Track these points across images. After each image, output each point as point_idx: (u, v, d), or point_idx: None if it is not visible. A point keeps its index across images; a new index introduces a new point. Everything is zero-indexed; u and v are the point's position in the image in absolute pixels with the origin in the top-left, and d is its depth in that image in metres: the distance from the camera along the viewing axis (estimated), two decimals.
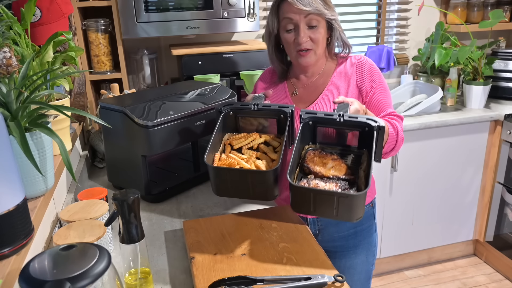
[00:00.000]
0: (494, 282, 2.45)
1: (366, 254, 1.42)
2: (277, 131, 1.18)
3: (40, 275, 0.61)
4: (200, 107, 1.41)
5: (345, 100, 1.10)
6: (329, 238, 1.37)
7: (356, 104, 1.10)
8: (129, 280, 0.88)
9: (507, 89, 2.56)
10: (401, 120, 1.28)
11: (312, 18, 1.22)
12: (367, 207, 1.40)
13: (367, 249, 1.42)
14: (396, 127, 1.24)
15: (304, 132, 1.09)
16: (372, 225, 1.43)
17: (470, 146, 2.40)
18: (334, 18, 1.25)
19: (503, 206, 2.41)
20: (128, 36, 1.95)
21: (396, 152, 1.29)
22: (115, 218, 0.86)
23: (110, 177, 1.49)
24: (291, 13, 1.23)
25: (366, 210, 1.38)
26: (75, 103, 1.60)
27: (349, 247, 1.39)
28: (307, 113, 1.08)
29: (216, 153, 1.11)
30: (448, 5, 2.75)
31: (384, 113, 1.29)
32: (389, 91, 1.33)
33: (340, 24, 1.30)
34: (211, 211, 1.31)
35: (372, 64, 1.31)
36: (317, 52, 1.27)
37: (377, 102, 1.29)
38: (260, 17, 2.52)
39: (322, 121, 1.08)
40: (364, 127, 1.04)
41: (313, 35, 1.24)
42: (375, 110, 1.29)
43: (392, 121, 1.26)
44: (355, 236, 1.39)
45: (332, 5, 1.26)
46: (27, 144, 0.83)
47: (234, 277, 0.87)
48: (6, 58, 0.91)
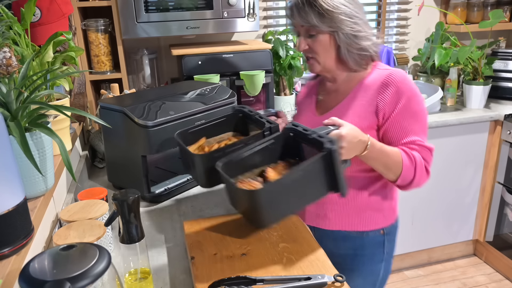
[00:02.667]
0: (494, 282, 2.45)
1: (363, 282, 1.31)
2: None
3: (40, 275, 0.61)
4: (200, 107, 1.41)
5: (336, 122, 1.03)
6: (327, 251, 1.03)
7: (344, 129, 1.01)
8: (129, 280, 0.88)
9: (507, 89, 2.55)
10: (428, 151, 1.16)
11: (309, 28, 1.16)
12: (375, 232, 1.27)
13: (364, 277, 1.30)
14: (413, 157, 1.13)
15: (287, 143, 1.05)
16: (378, 253, 1.29)
17: (470, 146, 2.40)
18: (333, 30, 1.14)
19: (503, 206, 2.41)
20: (128, 36, 1.95)
21: (417, 185, 1.16)
22: (115, 218, 0.86)
23: (110, 177, 1.49)
24: (292, 21, 1.20)
25: (374, 236, 1.27)
26: (75, 103, 1.60)
27: (346, 269, 1.17)
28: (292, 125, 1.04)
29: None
30: (448, 5, 2.75)
31: (405, 140, 1.15)
32: (422, 117, 1.17)
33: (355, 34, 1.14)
34: (211, 211, 1.31)
35: (402, 84, 1.14)
36: (320, 61, 1.20)
37: (399, 128, 1.15)
38: (260, 17, 2.52)
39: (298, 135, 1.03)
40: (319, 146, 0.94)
41: (311, 44, 1.18)
42: (395, 136, 1.16)
43: (410, 150, 1.14)
44: (354, 259, 1.28)
45: (339, 15, 1.12)
46: (27, 144, 0.83)
47: (234, 277, 0.87)
48: (6, 58, 0.91)
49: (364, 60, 1.19)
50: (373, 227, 1.26)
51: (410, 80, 1.17)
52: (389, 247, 1.31)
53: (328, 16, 1.12)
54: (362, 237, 1.27)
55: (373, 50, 1.19)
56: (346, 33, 1.14)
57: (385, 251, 1.30)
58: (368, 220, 1.26)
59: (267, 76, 2.03)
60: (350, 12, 1.13)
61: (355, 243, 1.28)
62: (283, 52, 2.29)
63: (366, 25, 1.17)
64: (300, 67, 2.37)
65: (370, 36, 1.18)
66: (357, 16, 1.15)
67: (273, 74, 2.13)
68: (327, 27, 1.13)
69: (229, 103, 1.51)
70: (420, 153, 1.15)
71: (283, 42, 2.33)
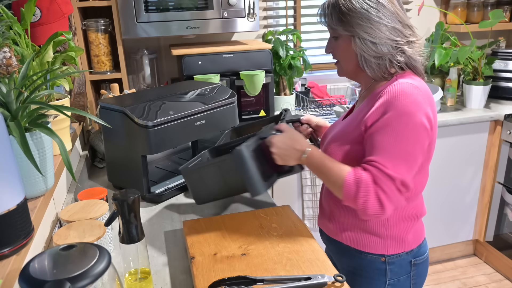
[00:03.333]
0: (494, 282, 2.45)
1: None
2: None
3: (40, 275, 0.61)
4: (200, 107, 1.41)
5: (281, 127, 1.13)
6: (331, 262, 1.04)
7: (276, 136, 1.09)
8: (129, 280, 0.88)
9: (507, 89, 2.55)
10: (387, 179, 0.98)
11: (332, 30, 1.11)
12: (375, 257, 1.15)
13: None
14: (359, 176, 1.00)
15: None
16: (378, 280, 1.17)
17: (470, 146, 2.40)
18: (350, 35, 1.07)
19: (503, 206, 2.41)
20: (128, 36, 1.95)
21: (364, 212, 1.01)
22: (115, 218, 0.86)
23: (110, 177, 1.49)
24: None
25: (373, 260, 1.15)
26: (75, 103, 1.60)
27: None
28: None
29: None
30: (448, 5, 2.75)
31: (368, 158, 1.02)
32: (404, 141, 1.00)
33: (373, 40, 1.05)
34: (211, 211, 1.31)
35: (396, 98, 1.01)
36: (343, 65, 1.14)
37: (370, 143, 1.03)
38: (260, 17, 2.52)
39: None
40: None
41: (334, 47, 1.13)
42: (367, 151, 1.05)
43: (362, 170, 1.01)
44: (352, 278, 1.18)
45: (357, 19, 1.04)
46: (27, 144, 0.83)
47: (234, 277, 0.87)
48: (6, 58, 0.91)
49: (383, 69, 1.08)
50: (369, 250, 1.15)
51: (411, 97, 1.01)
52: (394, 280, 1.17)
53: (345, 19, 1.06)
54: (361, 256, 1.16)
55: (398, 59, 1.07)
56: (363, 38, 1.05)
57: (388, 282, 1.17)
58: (366, 241, 1.15)
59: (267, 76, 2.03)
60: (369, 16, 1.04)
61: (354, 261, 1.17)
62: (283, 52, 2.29)
63: (394, 31, 1.05)
64: (300, 67, 2.37)
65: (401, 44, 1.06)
66: (380, 21, 1.04)
67: (273, 74, 2.13)
68: (344, 30, 1.07)
69: (229, 103, 1.51)
70: (374, 177, 0.99)
71: (283, 42, 2.33)
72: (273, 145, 1.08)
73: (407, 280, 1.19)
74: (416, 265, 1.19)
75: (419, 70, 1.11)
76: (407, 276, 1.18)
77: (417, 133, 1.01)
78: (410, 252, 1.17)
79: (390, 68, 1.08)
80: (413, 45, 1.09)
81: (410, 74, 1.09)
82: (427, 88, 1.07)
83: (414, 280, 1.20)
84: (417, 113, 1.00)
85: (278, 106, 2.36)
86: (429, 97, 1.05)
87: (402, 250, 1.16)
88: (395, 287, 1.18)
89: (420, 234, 1.21)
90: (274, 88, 2.29)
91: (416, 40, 1.09)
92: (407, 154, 1.01)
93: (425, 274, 1.23)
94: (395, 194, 1.00)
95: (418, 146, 1.02)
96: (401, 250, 1.16)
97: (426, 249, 1.23)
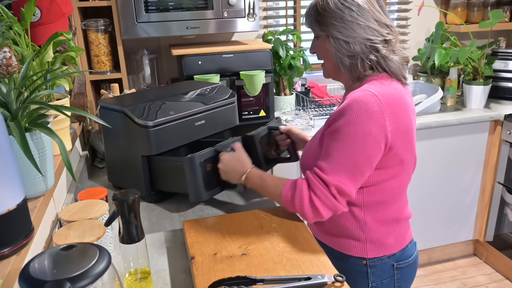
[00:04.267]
0: (494, 282, 2.45)
1: None
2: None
3: (40, 275, 0.61)
4: (200, 107, 1.41)
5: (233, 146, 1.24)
6: None
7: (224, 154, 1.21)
8: (129, 280, 0.88)
9: (507, 89, 2.55)
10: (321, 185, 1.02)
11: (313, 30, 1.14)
12: (356, 260, 1.16)
13: None
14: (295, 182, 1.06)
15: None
16: (361, 283, 1.18)
17: (470, 146, 2.40)
18: (325, 34, 1.09)
19: (503, 206, 2.41)
20: (128, 36, 1.95)
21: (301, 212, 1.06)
22: (115, 218, 0.86)
23: (110, 177, 1.49)
24: None
25: (355, 262, 1.16)
26: (75, 103, 1.60)
27: None
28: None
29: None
30: (448, 5, 2.75)
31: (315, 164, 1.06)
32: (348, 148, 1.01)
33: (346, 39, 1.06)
34: (211, 211, 1.31)
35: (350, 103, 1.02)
36: (324, 65, 1.16)
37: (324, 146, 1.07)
38: (260, 17, 2.52)
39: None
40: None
41: (316, 47, 1.16)
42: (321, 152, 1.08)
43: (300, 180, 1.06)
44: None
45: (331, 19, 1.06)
46: (27, 144, 0.83)
47: (234, 277, 0.87)
48: (6, 58, 0.91)
49: (355, 69, 1.09)
50: (351, 253, 1.17)
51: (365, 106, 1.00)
52: (377, 283, 1.17)
53: (321, 19, 1.09)
54: (344, 258, 1.18)
55: (370, 58, 1.07)
56: (336, 38, 1.07)
57: (371, 284, 1.17)
58: (347, 244, 1.17)
59: (267, 76, 2.03)
60: (343, 16, 1.05)
61: (338, 262, 1.13)
62: (283, 52, 2.29)
63: (369, 30, 1.05)
64: (300, 67, 2.37)
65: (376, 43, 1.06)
66: (353, 21, 1.04)
67: (273, 74, 2.12)
68: (320, 30, 1.10)
69: (229, 103, 1.51)
70: (309, 182, 1.04)
71: (283, 42, 2.33)
72: (220, 161, 1.21)
73: (391, 283, 1.19)
74: (400, 269, 1.18)
75: (394, 70, 1.09)
76: (390, 279, 1.18)
77: (364, 143, 1.01)
78: (392, 256, 1.17)
79: (362, 68, 1.09)
80: (391, 44, 1.08)
81: (383, 78, 1.08)
82: (391, 95, 1.04)
83: (398, 283, 1.19)
84: (367, 122, 1.00)
85: (278, 106, 2.36)
86: (391, 104, 1.03)
87: (382, 254, 1.16)
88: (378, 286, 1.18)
89: (403, 238, 1.19)
90: (274, 88, 2.29)
91: (393, 39, 1.09)
92: (350, 162, 1.02)
93: (411, 277, 1.23)
94: (329, 199, 1.02)
95: (363, 155, 1.02)
96: (381, 254, 1.16)
97: (412, 252, 1.21)
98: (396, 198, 1.15)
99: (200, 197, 1.22)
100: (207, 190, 1.22)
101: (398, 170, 1.11)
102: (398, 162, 1.10)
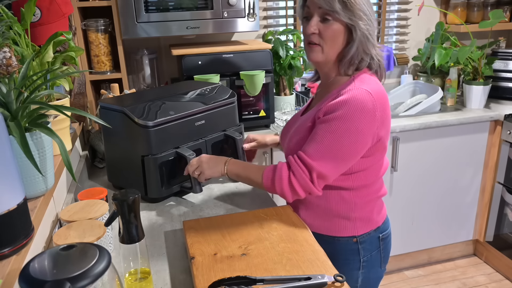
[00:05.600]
0: (494, 282, 2.45)
1: None
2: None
3: (40, 275, 0.61)
4: (200, 107, 1.41)
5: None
6: None
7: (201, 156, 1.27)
8: (129, 280, 0.88)
9: (507, 89, 2.55)
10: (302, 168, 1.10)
11: (327, 12, 1.10)
12: (347, 239, 1.24)
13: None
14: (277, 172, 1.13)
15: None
16: (352, 260, 1.25)
17: (470, 146, 2.40)
18: (353, 24, 1.10)
19: (503, 206, 2.41)
20: (128, 36, 1.95)
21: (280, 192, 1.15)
22: (115, 218, 0.86)
23: (110, 177, 1.49)
24: (309, 1, 1.14)
25: (345, 242, 1.24)
26: (75, 103, 1.60)
27: None
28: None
29: None
30: (448, 5, 2.75)
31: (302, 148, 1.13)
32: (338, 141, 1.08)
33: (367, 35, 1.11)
34: (211, 211, 1.31)
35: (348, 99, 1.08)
36: (325, 49, 1.14)
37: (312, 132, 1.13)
38: (260, 17, 2.52)
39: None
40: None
41: (323, 29, 1.12)
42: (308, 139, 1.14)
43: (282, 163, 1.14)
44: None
45: (359, 11, 1.09)
46: (27, 144, 0.83)
47: (234, 277, 0.87)
48: (6, 58, 0.91)
49: (354, 64, 1.15)
50: (341, 234, 1.24)
51: (361, 104, 1.07)
52: (367, 256, 1.26)
53: (351, 7, 1.09)
54: (334, 241, 1.24)
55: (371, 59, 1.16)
56: (362, 31, 1.10)
57: (362, 259, 1.26)
58: (337, 226, 1.23)
59: (267, 76, 2.03)
60: (368, 13, 1.11)
61: (328, 247, 1.14)
62: (283, 52, 2.29)
63: (374, 33, 1.15)
64: (300, 67, 2.37)
65: (375, 45, 1.15)
66: (372, 21, 1.13)
67: (273, 74, 2.13)
68: (348, 18, 1.09)
69: (229, 103, 1.51)
70: (290, 164, 1.12)
71: (283, 42, 2.33)
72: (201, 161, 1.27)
73: (378, 254, 1.29)
74: (383, 240, 1.30)
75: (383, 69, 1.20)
76: (377, 251, 1.29)
77: (355, 139, 1.09)
78: (377, 229, 1.28)
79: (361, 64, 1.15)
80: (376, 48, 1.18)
81: (367, 73, 1.17)
82: (381, 91, 1.13)
83: (383, 254, 1.31)
84: (361, 120, 1.08)
85: (278, 106, 2.36)
86: (381, 100, 1.11)
87: (370, 229, 1.27)
88: (369, 262, 1.28)
89: (383, 211, 1.32)
90: (274, 88, 2.29)
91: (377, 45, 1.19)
92: (338, 153, 1.10)
93: (390, 247, 1.35)
94: (307, 183, 1.11)
95: (351, 149, 1.10)
96: (369, 229, 1.27)
97: (388, 224, 1.34)
98: (378, 178, 1.25)
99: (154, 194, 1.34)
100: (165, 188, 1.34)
101: (381, 155, 1.22)
102: (382, 149, 1.20)
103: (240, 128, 1.57)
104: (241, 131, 1.56)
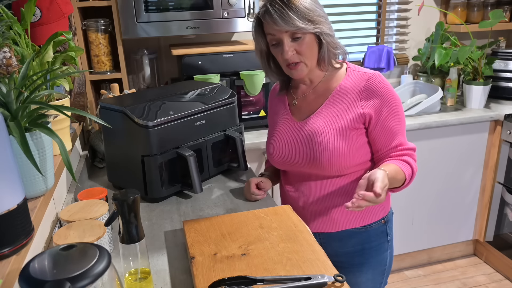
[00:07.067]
0: (494, 282, 2.45)
1: (373, 273, 1.35)
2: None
3: (40, 275, 0.61)
4: (200, 107, 1.41)
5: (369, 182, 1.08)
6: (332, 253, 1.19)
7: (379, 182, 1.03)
8: (129, 280, 0.88)
9: (507, 89, 2.55)
10: (413, 152, 1.24)
11: (294, 31, 1.15)
12: (378, 223, 1.32)
13: (374, 268, 1.34)
14: (411, 165, 1.21)
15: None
16: (383, 243, 1.34)
17: (470, 146, 2.40)
18: (319, 31, 1.16)
19: (503, 206, 2.41)
20: (128, 36, 1.95)
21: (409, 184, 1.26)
22: (115, 218, 0.86)
23: (110, 177, 1.49)
24: (272, 29, 1.17)
25: (377, 227, 1.32)
26: (75, 103, 1.61)
27: (355, 264, 1.33)
28: None
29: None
30: (448, 5, 2.75)
31: (394, 144, 1.22)
32: (402, 115, 1.24)
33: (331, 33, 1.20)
34: (211, 211, 1.31)
35: (384, 87, 1.21)
36: (308, 63, 1.20)
37: (388, 130, 1.22)
38: None
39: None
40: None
41: (298, 47, 1.17)
42: (385, 137, 1.22)
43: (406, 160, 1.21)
44: (362, 254, 1.32)
45: (317, 16, 1.16)
46: (27, 144, 0.83)
47: (234, 277, 0.87)
48: (6, 58, 0.91)
49: (335, 59, 1.24)
50: (375, 219, 1.31)
51: (388, 82, 1.23)
52: (391, 235, 1.37)
53: (311, 18, 1.15)
54: (367, 230, 1.31)
55: (343, 49, 1.25)
56: (326, 33, 1.18)
57: (388, 239, 1.35)
58: (370, 213, 1.30)
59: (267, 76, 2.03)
60: (323, 13, 1.19)
61: (361, 238, 1.31)
62: None
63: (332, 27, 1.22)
64: None
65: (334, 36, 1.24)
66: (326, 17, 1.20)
67: None
68: (313, 28, 1.15)
69: (229, 103, 1.51)
70: (411, 157, 1.23)
71: None
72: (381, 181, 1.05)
73: (391, 229, 1.39)
74: (392, 212, 1.41)
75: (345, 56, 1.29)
76: (391, 226, 1.38)
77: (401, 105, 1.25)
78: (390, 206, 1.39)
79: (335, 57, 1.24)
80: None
81: (349, 63, 1.29)
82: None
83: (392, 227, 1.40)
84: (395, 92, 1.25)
85: None
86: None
87: (390, 205, 1.38)
88: (392, 241, 1.38)
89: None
90: None
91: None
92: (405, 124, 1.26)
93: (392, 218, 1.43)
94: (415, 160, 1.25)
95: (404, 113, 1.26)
96: (390, 205, 1.38)
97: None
98: None
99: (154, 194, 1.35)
100: (165, 188, 1.36)
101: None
102: None
103: (240, 128, 1.57)
104: (241, 131, 1.56)
